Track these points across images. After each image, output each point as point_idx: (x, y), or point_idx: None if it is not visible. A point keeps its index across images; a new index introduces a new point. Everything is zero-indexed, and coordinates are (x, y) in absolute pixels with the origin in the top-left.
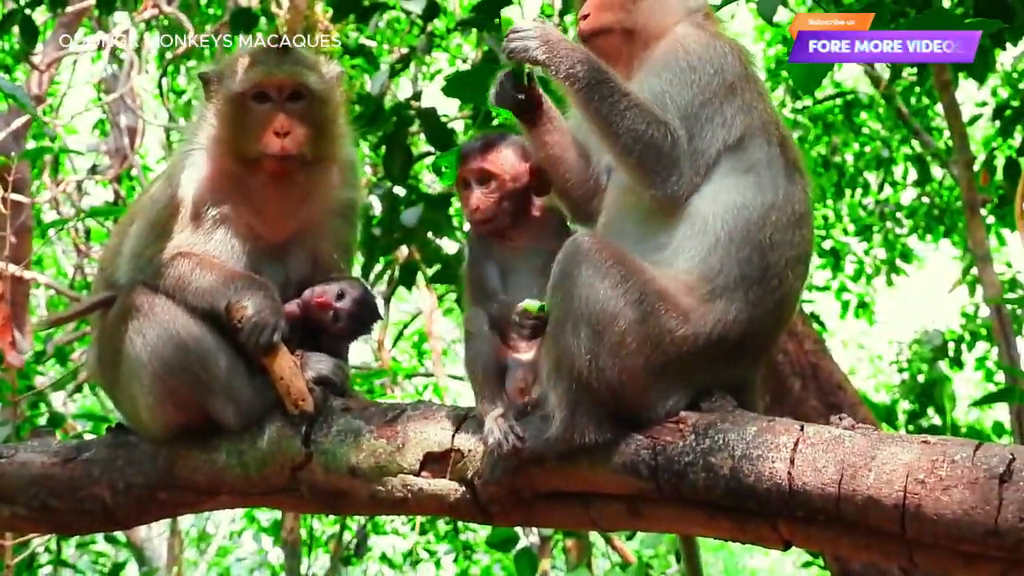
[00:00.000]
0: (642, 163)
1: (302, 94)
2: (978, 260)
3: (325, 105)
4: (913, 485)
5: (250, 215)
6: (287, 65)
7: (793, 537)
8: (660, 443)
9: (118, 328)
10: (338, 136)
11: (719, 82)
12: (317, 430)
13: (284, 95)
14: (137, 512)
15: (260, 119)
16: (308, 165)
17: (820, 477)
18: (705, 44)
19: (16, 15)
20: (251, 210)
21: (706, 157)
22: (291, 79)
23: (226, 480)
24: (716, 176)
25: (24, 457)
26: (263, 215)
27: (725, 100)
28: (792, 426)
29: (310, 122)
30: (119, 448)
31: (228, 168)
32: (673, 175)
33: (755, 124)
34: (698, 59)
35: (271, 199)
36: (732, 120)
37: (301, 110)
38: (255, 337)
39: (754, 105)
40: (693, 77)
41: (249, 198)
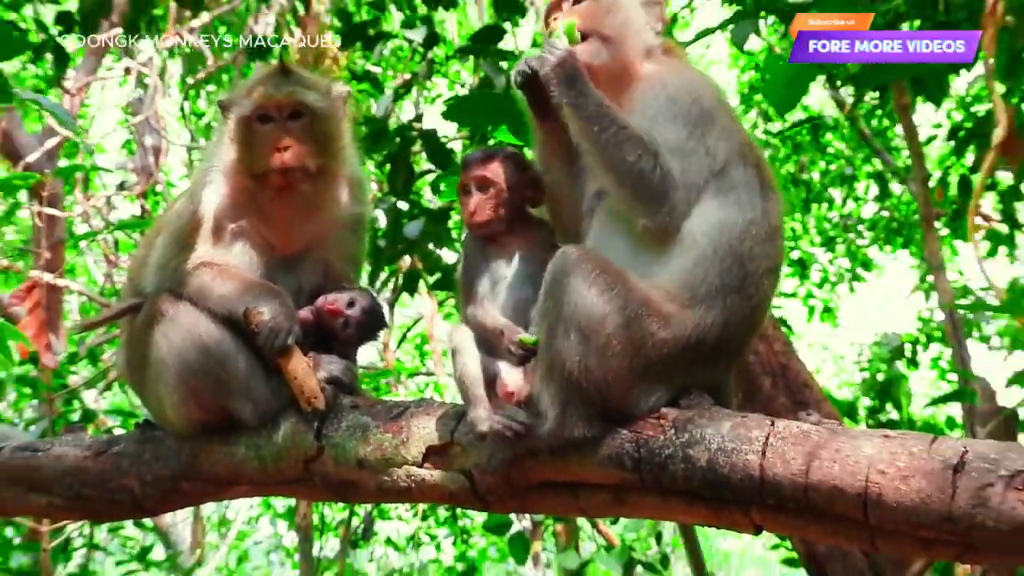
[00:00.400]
0: (636, 195)
1: (301, 112)
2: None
3: (326, 121)
4: (874, 475)
5: (264, 228)
6: (286, 86)
7: (764, 523)
8: (643, 437)
9: (145, 332)
10: (341, 150)
11: (697, 112)
12: (328, 426)
13: (285, 114)
14: (163, 501)
15: (265, 138)
16: (314, 179)
17: (789, 468)
18: (679, 77)
19: (49, 43)
20: (265, 224)
21: (695, 187)
22: (289, 98)
23: (245, 472)
24: (703, 199)
25: (59, 451)
26: (276, 228)
27: (706, 130)
28: (763, 421)
29: (311, 137)
30: (146, 443)
31: (243, 185)
32: (664, 207)
33: (734, 149)
34: (676, 91)
35: (282, 213)
36: (715, 148)
37: (302, 127)
38: (271, 340)
39: (732, 129)
40: (675, 110)
41: (263, 212)
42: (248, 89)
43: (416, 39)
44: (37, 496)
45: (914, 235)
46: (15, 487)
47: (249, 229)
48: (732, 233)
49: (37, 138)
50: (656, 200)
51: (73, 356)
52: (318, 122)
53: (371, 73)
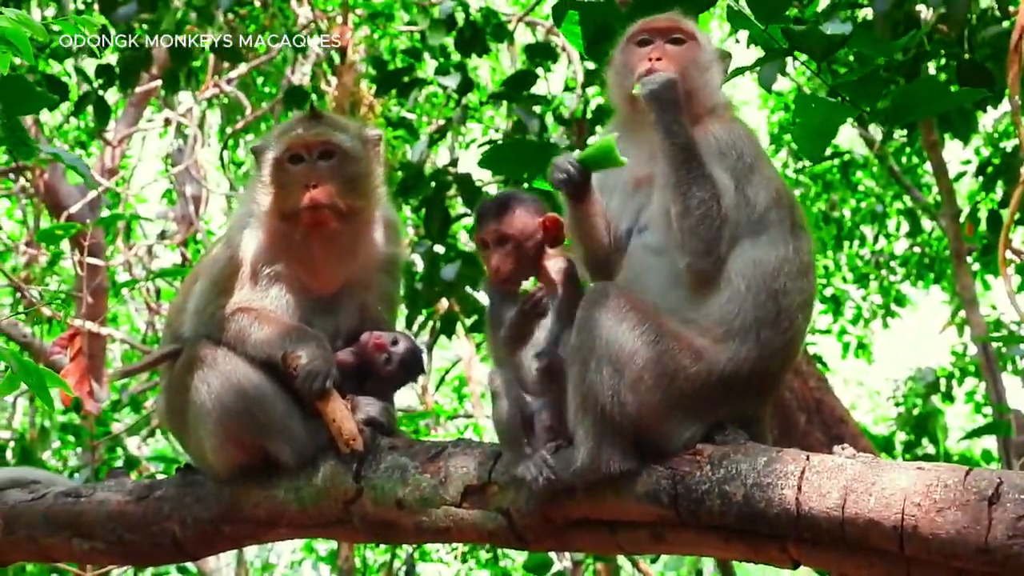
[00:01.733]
0: (695, 231)
1: (331, 152)
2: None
3: (355, 162)
4: (910, 508)
5: (301, 271)
6: (316, 128)
7: (801, 558)
8: (679, 473)
9: (184, 378)
10: (372, 191)
11: (742, 165)
12: (367, 467)
13: (315, 154)
14: (204, 544)
15: (296, 178)
16: (345, 219)
17: (825, 502)
18: (728, 132)
19: (90, 96)
20: (301, 266)
21: (735, 235)
22: (318, 138)
23: (285, 513)
24: (739, 242)
25: (101, 496)
26: (312, 270)
27: (748, 181)
28: (799, 456)
29: (341, 177)
30: (187, 486)
31: (278, 228)
32: (715, 251)
33: (771, 196)
34: (725, 146)
35: (317, 254)
36: (755, 198)
37: (331, 167)
38: (309, 383)
39: (770, 178)
40: (725, 164)
41: (298, 254)
42: (280, 132)
43: (450, 85)
44: (80, 541)
45: (946, 270)
46: (59, 533)
47: (285, 272)
48: (766, 270)
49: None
50: (710, 241)
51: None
52: (348, 162)
53: (406, 119)
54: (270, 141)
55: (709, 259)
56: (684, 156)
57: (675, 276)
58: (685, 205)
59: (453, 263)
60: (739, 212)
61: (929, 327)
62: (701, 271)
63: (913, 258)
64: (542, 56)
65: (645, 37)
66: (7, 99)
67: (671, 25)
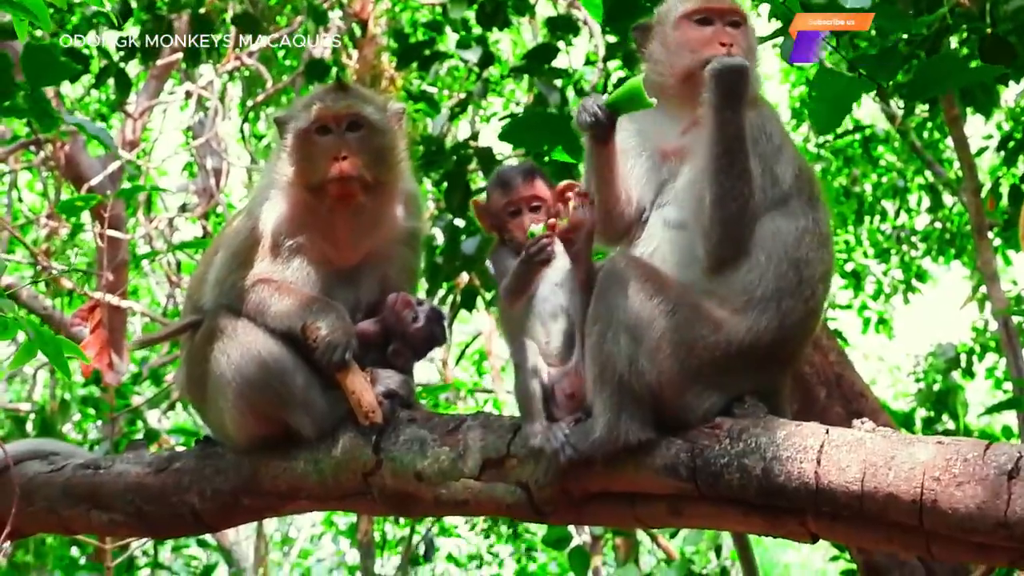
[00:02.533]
0: (723, 223)
1: (359, 124)
2: (986, 279)
3: (382, 134)
4: (929, 482)
5: (323, 242)
6: (344, 99)
7: (820, 532)
8: (698, 447)
9: (204, 349)
10: (397, 163)
11: (770, 148)
12: (386, 439)
13: (343, 126)
14: (224, 516)
15: (323, 149)
16: (371, 191)
17: (844, 476)
18: (758, 116)
19: (111, 68)
20: (324, 237)
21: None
22: (347, 110)
23: (304, 486)
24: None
25: (120, 468)
26: (334, 242)
27: (775, 161)
28: (818, 430)
29: (368, 149)
30: (207, 458)
31: (302, 199)
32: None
33: (794, 172)
34: (754, 130)
35: (340, 226)
36: (782, 175)
37: (359, 138)
38: (328, 355)
39: (793, 156)
40: (757, 150)
41: (321, 226)
42: (306, 103)
43: (471, 59)
44: (99, 513)
45: (967, 246)
46: (78, 504)
47: (307, 244)
48: (787, 240)
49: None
50: (739, 235)
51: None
52: (374, 134)
53: (427, 93)
54: (295, 112)
55: (734, 249)
56: (735, 147)
57: (694, 252)
58: (723, 195)
59: (474, 237)
60: (765, 191)
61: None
62: (722, 257)
63: (934, 233)
64: (563, 29)
65: (705, 16)
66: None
67: (731, 7)
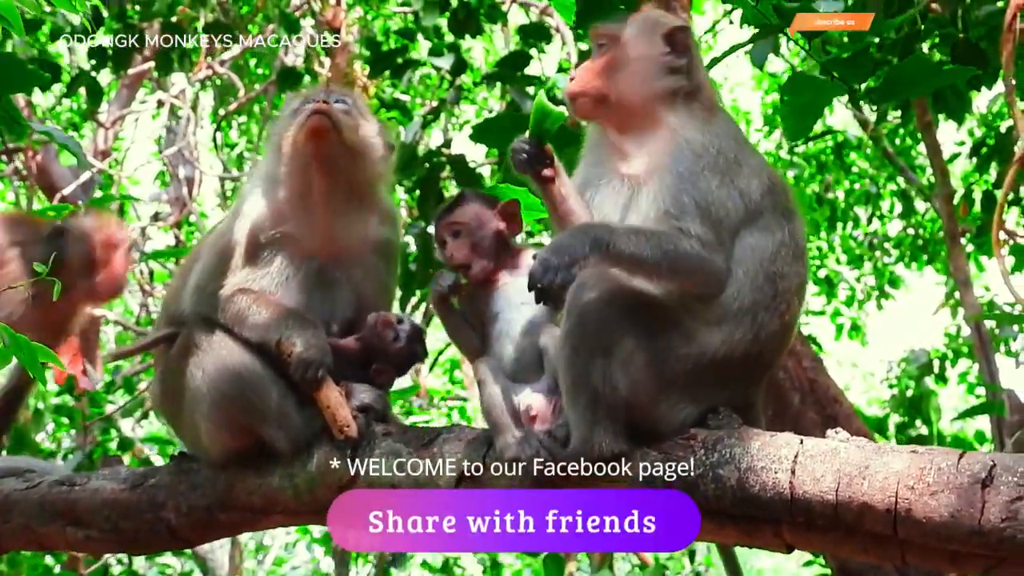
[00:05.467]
0: (690, 281)
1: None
2: (959, 285)
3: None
4: (903, 491)
5: (305, 234)
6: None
7: (795, 541)
8: (673, 457)
9: (180, 361)
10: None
11: (724, 162)
12: (361, 453)
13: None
14: (199, 532)
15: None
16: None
17: (819, 486)
18: (700, 132)
19: (83, 77)
20: (307, 227)
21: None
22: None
23: (279, 500)
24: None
25: (96, 484)
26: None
27: (735, 175)
28: (792, 440)
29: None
30: (182, 474)
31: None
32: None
33: (764, 183)
34: (700, 147)
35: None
36: (748, 188)
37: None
38: (302, 371)
39: (759, 165)
40: (702, 164)
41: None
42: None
43: (444, 66)
44: (75, 530)
45: (939, 252)
46: (54, 521)
47: (286, 237)
48: (763, 255)
49: (72, 171)
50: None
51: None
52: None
53: (399, 101)
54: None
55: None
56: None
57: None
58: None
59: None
60: (731, 207)
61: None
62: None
63: (907, 239)
64: (536, 37)
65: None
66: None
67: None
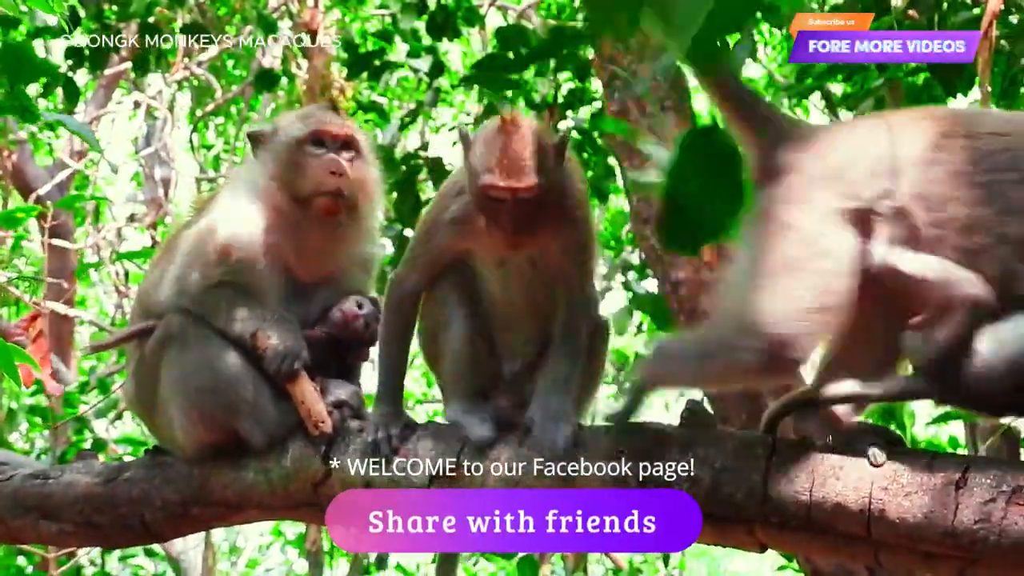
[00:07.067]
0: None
1: (352, 145)
2: None
3: (369, 164)
4: (877, 492)
5: (289, 254)
6: (341, 119)
7: (768, 541)
8: (647, 457)
9: (156, 354)
10: (374, 195)
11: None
12: (336, 449)
13: (338, 143)
14: (173, 526)
15: (317, 162)
16: (350, 213)
17: (793, 486)
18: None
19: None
20: (291, 249)
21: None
22: (345, 129)
23: (254, 495)
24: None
25: (69, 478)
26: (301, 255)
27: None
28: (766, 440)
29: (357, 171)
30: (156, 468)
31: (281, 207)
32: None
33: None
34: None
35: (312, 240)
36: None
37: (351, 159)
38: (277, 364)
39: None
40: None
41: (294, 237)
42: (301, 116)
43: (422, 69)
44: (48, 523)
45: None
46: (27, 515)
47: (272, 253)
48: None
49: (48, 171)
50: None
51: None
52: (362, 160)
53: (377, 103)
54: (282, 124)
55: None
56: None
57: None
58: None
59: None
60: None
61: None
62: None
63: None
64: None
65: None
66: (7, 68)
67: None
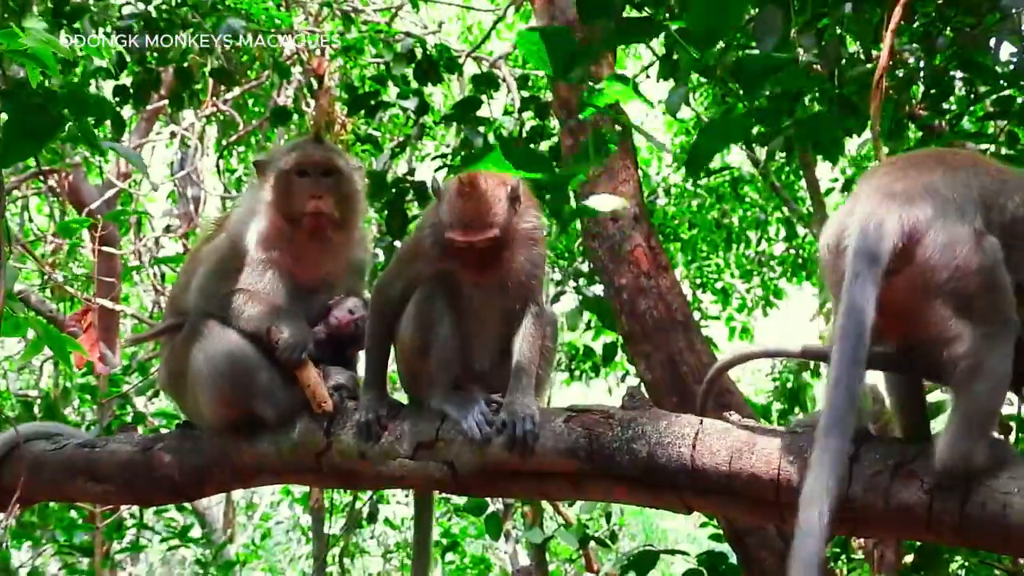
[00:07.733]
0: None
1: (332, 172)
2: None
3: (349, 183)
4: (784, 465)
5: (291, 261)
6: (322, 151)
7: (694, 505)
8: (594, 433)
9: (185, 346)
10: (358, 207)
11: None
12: (335, 425)
13: (319, 171)
14: (199, 487)
15: (302, 188)
16: (336, 227)
17: (715, 459)
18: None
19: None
20: (292, 257)
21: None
22: (324, 160)
23: (266, 462)
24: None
25: (113, 447)
26: (301, 262)
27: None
28: (694, 420)
29: (337, 193)
30: (185, 439)
31: (278, 224)
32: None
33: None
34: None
35: (308, 250)
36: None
37: (331, 183)
38: (287, 353)
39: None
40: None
41: (292, 248)
42: (289, 149)
43: (409, 108)
44: (95, 484)
45: (815, 269)
46: (77, 477)
47: (278, 260)
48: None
49: (99, 189)
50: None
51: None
52: (343, 182)
53: (372, 135)
54: (277, 155)
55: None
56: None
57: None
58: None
59: None
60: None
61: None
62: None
63: (789, 258)
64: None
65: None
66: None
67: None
